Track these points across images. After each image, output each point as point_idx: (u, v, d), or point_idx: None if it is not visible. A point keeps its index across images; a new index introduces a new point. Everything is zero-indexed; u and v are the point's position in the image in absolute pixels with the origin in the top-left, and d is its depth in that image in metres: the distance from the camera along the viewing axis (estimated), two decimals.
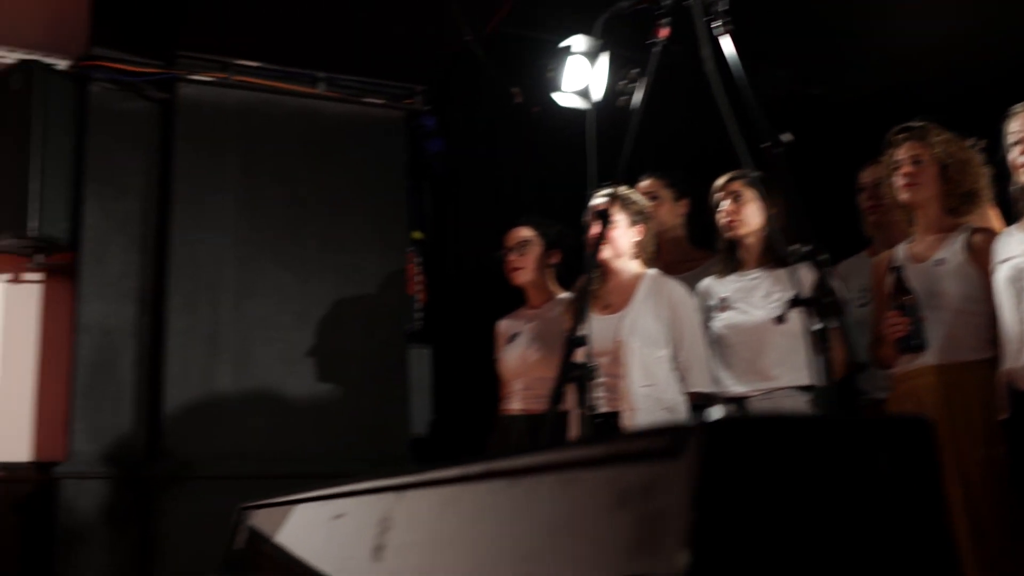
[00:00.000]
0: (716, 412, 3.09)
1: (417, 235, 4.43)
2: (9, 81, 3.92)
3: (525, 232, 3.69)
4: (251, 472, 2.78)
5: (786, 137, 2.35)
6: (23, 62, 3.95)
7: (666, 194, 3.81)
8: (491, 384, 3.67)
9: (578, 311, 2.72)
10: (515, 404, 3.56)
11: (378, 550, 1.48)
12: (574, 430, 2.97)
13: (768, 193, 2.82)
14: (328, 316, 4.10)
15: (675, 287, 3.24)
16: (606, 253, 3.22)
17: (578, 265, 3.43)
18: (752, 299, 3.22)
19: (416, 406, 4.08)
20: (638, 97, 2.60)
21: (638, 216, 3.29)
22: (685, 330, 3.19)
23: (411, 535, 1.42)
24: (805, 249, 2.27)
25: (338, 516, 1.69)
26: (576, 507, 0.96)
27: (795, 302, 2.26)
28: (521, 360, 3.60)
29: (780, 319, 2.62)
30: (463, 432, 4.09)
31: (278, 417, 3.95)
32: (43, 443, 4.06)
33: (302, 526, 1.95)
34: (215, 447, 3.85)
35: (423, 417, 4.31)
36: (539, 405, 3.43)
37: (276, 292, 4.04)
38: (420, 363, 4.32)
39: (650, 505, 0.82)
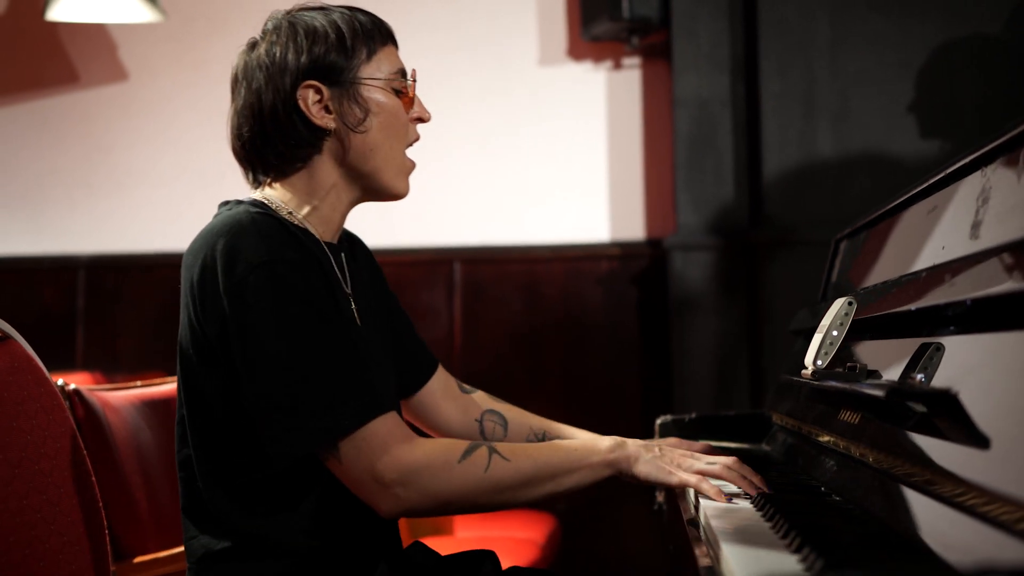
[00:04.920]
0: None
1: None
2: None
3: None
4: None
5: None
6: None
7: None
8: None
9: None
10: None
11: (974, 227, 1.24)
12: None
13: None
14: (935, 63, 3.67)
15: None
16: None
17: None
18: None
19: None
20: None
21: None
22: None
23: (1013, 199, 1.16)
24: None
25: (931, 211, 1.47)
26: None
27: None
28: None
29: None
30: None
31: (882, 178, 3.67)
32: (653, 220, 4.25)
33: (886, 239, 1.75)
34: (816, 212, 3.70)
35: None
36: None
37: (874, 41, 3.70)
38: None
39: None
